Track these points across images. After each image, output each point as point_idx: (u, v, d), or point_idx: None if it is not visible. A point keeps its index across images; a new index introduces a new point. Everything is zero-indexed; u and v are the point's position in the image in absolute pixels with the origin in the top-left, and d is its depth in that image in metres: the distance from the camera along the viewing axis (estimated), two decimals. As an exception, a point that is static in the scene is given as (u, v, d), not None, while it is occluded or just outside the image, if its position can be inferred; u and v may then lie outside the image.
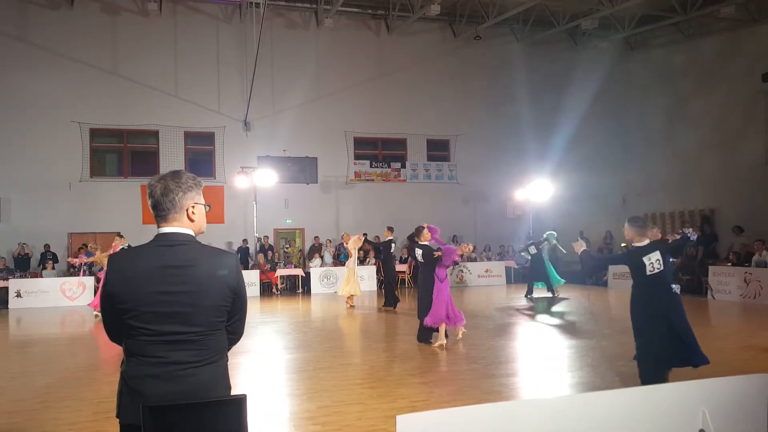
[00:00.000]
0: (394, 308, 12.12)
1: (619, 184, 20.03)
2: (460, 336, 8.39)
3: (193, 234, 2.25)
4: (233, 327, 2.33)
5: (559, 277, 14.05)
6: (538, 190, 18.16)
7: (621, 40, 19.78)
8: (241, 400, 2.18)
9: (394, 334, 9.69)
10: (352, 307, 12.35)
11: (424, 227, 8.64)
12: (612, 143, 19.85)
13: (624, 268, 16.20)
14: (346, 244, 13.18)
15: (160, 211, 2.21)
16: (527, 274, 14.94)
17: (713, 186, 17.11)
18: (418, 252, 8.39)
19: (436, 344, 7.90)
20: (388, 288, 12.37)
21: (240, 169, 16.45)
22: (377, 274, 16.70)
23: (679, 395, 2.90)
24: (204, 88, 17.70)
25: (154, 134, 17.41)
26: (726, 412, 2.91)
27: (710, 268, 13.56)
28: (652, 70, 19.68)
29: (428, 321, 7.91)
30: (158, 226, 2.23)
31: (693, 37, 17.96)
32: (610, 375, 6.23)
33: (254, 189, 16.70)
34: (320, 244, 17.96)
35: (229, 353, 2.36)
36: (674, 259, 8.70)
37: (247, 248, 17.14)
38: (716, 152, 17.03)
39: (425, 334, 8.10)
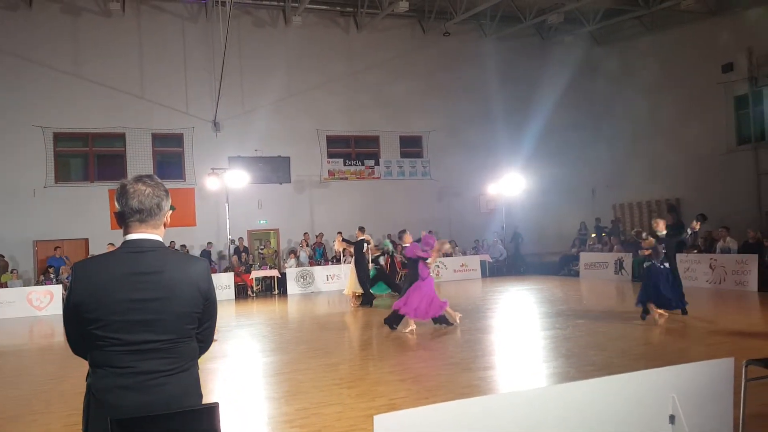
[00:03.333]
0: (370, 306, 12.11)
1: (588, 176, 20.39)
2: (409, 330, 8.73)
3: (161, 240, 2.20)
4: (203, 335, 2.28)
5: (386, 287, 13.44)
6: (510, 184, 18.39)
7: (586, 34, 20.11)
8: (213, 409, 2.13)
9: (372, 332, 9.68)
10: (354, 305, 12.31)
11: (405, 231, 9.75)
12: (580, 136, 20.18)
13: (594, 258, 16.55)
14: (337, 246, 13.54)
15: (141, 215, 2.13)
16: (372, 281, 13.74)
17: (678, 176, 17.55)
18: (404, 253, 9.39)
19: (407, 330, 8.63)
20: (363, 287, 12.34)
21: (210, 171, 16.20)
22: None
23: (649, 382, 2.95)
24: (171, 89, 17.36)
25: (121, 137, 17.02)
26: (695, 397, 2.99)
27: (677, 255, 13.88)
28: (616, 63, 20.06)
29: (400, 308, 8.63)
30: (127, 232, 2.15)
31: (655, 30, 18.36)
32: (584, 364, 6.33)
33: (226, 190, 16.47)
34: (321, 242, 17.90)
35: (206, 359, 2.32)
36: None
37: (210, 251, 16.84)
38: (680, 143, 17.47)
39: (393, 319, 8.88)
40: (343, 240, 13.55)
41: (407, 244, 9.27)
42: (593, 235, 18.51)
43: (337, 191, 18.95)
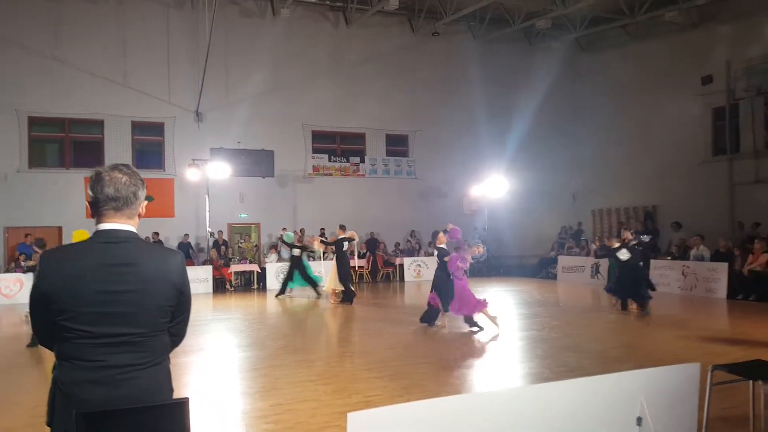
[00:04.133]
0: (351, 303, 12.09)
1: (570, 181, 20.65)
2: (443, 323, 8.89)
3: (136, 231, 2.15)
4: (176, 329, 2.24)
5: (315, 276, 13.79)
6: (493, 187, 18.53)
7: (573, 41, 20.33)
8: (182, 404, 2.09)
9: (350, 329, 9.68)
10: (334, 301, 12.29)
11: (439, 232, 9.38)
12: (562, 141, 20.41)
13: (571, 262, 16.75)
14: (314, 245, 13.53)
15: (117, 203, 2.08)
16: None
17: (656, 184, 17.86)
18: (436, 253, 9.35)
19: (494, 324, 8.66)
20: (344, 284, 12.30)
21: (191, 162, 16.00)
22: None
23: (618, 385, 3.01)
24: (153, 77, 17.08)
25: (99, 124, 16.69)
26: (662, 400, 3.05)
27: (652, 261, 14.16)
28: (600, 70, 20.32)
29: (465, 311, 8.70)
30: (100, 221, 2.10)
31: (639, 40, 18.63)
32: (558, 365, 6.42)
33: (207, 182, 16.29)
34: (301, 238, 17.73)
35: (180, 352, 2.30)
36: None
37: (189, 243, 16.65)
38: (659, 151, 17.77)
39: (429, 316, 8.99)
40: (322, 241, 13.50)
41: (442, 245, 9.22)
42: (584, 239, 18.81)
43: (321, 187, 18.87)
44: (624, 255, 10.42)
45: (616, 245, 10.69)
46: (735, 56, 15.55)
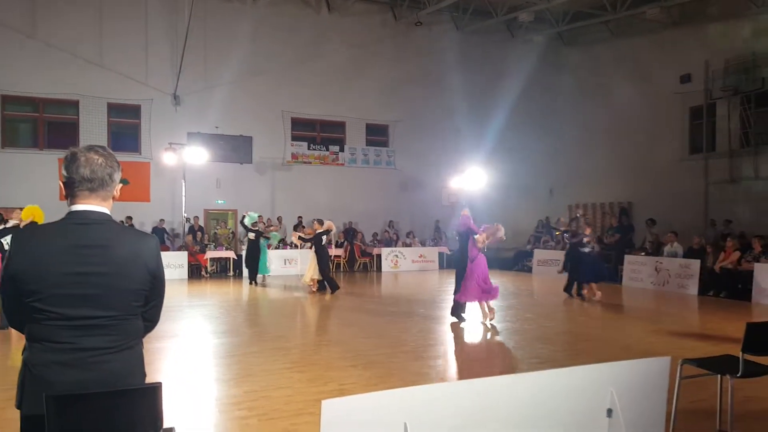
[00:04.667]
0: (333, 292, 11.96)
1: (547, 175, 20.83)
2: (487, 320, 8.52)
3: (109, 213, 2.12)
4: (150, 313, 2.23)
5: (266, 267, 13.82)
6: (472, 179, 18.59)
7: (555, 35, 20.42)
8: (155, 389, 2.06)
9: (326, 318, 9.66)
10: (313, 292, 12.11)
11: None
12: (541, 135, 20.56)
13: (546, 256, 16.95)
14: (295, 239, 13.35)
15: (92, 184, 2.05)
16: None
17: (632, 180, 18.12)
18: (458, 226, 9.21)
19: (485, 321, 8.47)
20: (323, 277, 12.16)
21: (168, 146, 15.73)
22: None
23: (589, 377, 3.04)
24: (130, 58, 16.69)
25: (74, 104, 16.29)
26: (632, 393, 3.09)
27: (626, 256, 14.40)
28: (581, 65, 20.48)
29: (461, 298, 8.47)
30: (73, 203, 2.06)
31: (621, 36, 18.80)
32: (530, 357, 6.50)
33: (183, 167, 16.03)
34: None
35: (154, 338, 2.27)
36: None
37: (164, 228, 16.40)
38: (636, 148, 18.02)
39: (457, 310, 8.69)
40: (300, 237, 13.36)
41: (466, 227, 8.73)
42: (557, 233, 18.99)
43: (300, 175, 18.73)
44: (586, 247, 11.27)
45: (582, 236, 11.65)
46: (713, 56, 15.79)
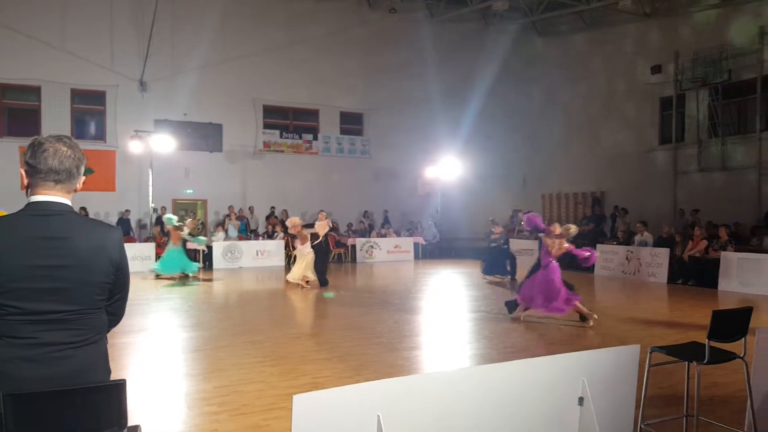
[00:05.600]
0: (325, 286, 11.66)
1: (521, 165, 20.97)
2: (519, 315, 8.19)
3: (70, 204, 2.05)
4: (114, 307, 2.17)
5: (191, 263, 12.93)
6: (446, 168, 18.61)
7: (529, 24, 20.46)
8: (120, 386, 1.99)
9: (300, 310, 9.55)
10: (303, 287, 11.45)
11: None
12: (515, 125, 20.68)
13: (521, 245, 17.09)
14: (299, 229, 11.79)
15: (59, 176, 2.00)
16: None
17: (604, 170, 18.38)
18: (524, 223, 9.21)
19: (513, 315, 8.22)
20: (317, 274, 11.70)
21: (134, 133, 15.31)
22: (285, 249, 16.38)
23: (562, 366, 3.06)
24: (95, 43, 16.16)
25: (36, 90, 15.71)
26: (603, 381, 3.13)
27: (598, 246, 14.61)
28: (555, 55, 20.59)
29: (520, 299, 8.18)
30: (34, 193, 1.99)
31: (594, 27, 18.95)
32: (504, 346, 6.53)
33: (150, 155, 15.63)
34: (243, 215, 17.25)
35: (121, 332, 2.19)
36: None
37: (128, 220, 16.00)
38: (608, 138, 18.26)
39: (510, 304, 8.46)
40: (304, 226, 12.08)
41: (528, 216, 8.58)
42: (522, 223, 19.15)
43: (272, 164, 18.47)
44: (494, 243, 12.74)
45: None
46: (683, 48, 16.04)
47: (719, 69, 14.84)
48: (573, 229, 7.92)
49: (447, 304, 9.92)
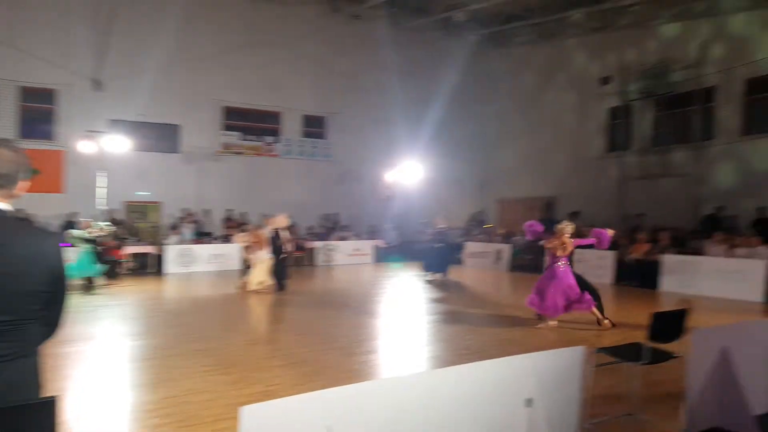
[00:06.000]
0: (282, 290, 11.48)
1: (478, 170, 21.37)
2: (542, 325, 8.03)
3: (10, 209, 1.98)
4: (51, 317, 2.08)
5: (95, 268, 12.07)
6: (407, 172, 18.74)
7: (488, 35, 20.88)
8: (50, 403, 1.90)
9: (254, 316, 9.42)
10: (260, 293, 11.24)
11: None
12: (473, 131, 21.07)
13: (477, 248, 17.34)
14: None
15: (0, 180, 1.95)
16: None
17: (556, 176, 18.93)
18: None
19: (541, 325, 8.01)
20: (276, 278, 11.50)
21: (86, 133, 14.79)
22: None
23: (511, 368, 3.14)
24: (46, 38, 15.51)
25: (-21, 87, 14.99)
26: (550, 381, 3.23)
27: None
28: (512, 66, 21.09)
29: (535, 306, 8.10)
30: None
31: (548, 39, 19.50)
32: (459, 348, 6.62)
33: (103, 156, 15.13)
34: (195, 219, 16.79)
35: (64, 342, 2.12)
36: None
37: (73, 222, 15.40)
38: (560, 145, 18.84)
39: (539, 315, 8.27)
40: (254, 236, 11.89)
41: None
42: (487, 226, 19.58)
43: (232, 166, 18.18)
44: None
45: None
46: (631, 60, 16.71)
47: (663, 81, 15.54)
48: (569, 227, 7.96)
49: (405, 307, 9.98)
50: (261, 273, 11.30)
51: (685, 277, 11.42)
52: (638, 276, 12.55)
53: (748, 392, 3.90)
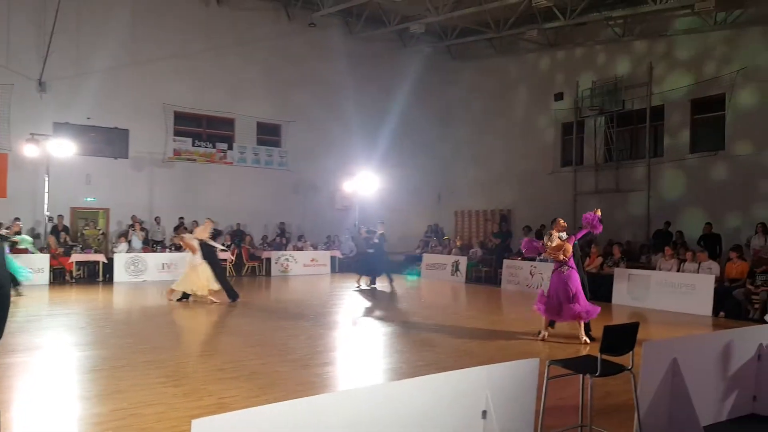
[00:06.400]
0: (234, 301, 11.14)
1: (435, 182, 21.63)
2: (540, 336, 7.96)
3: None
4: None
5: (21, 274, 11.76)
6: (364, 183, 18.77)
7: (443, 48, 21.25)
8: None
9: (206, 327, 9.17)
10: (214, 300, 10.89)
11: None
12: (429, 143, 21.34)
13: (435, 260, 17.46)
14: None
15: None
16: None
17: (512, 189, 19.36)
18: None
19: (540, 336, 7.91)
20: (221, 284, 11.12)
21: (30, 136, 14.15)
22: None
23: (466, 380, 3.16)
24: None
25: None
26: (505, 393, 3.26)
27: (504, 261, 15.28)
28: (467, 79, 21.52)
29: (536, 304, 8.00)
30: None
31: (503, 54, 20.02)
32: (415, 360, 6.62)
33: (48, 160, 14.50)
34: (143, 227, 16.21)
35: (7, 352, 1.95)
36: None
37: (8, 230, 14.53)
38: (515, 159, 19.29)
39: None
40: (185, 240, 11.58)
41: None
42: (445, 238, 19.73)
43: (183, 173, 17.73)
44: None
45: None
46: (582, 78, 17.32)
47: (614, 99, 16.16)
48: (555, 235, 7.81)
49: (362, 319, 9.93)
50: (205, 279, 10.80)
51: (637, 290, 11.76)
52: (591, 288, 12.80)
53: (697, 403, 4.04)
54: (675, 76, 15.09)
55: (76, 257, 14.61)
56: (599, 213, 7.86)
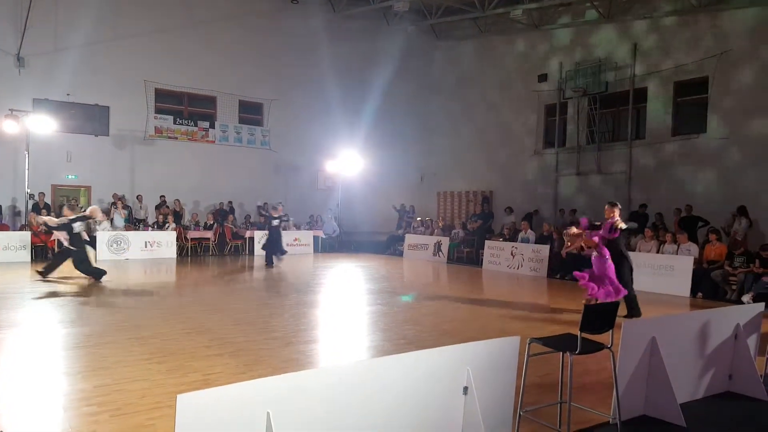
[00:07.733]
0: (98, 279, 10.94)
1: (418, 163, 21.66)
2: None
3: None
4: None
5: None
6: (347, 163, 18.72)
7: (428, 27, 21.08)
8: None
9: (191, 305, 9.17)
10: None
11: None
12: (413, 124, 21.30)
13: (416, 240, 17.58)
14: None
15: None
16: None
17: (494, 170, 19.46)
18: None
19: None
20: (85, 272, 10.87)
21: (9, 113, 13.86)
22: (177, 241, 15.71)
23: (448, 357, 3.23)
24: (-41, 8, 14.37)
25: None
26: (486, 370, 3.34)
27: (486, 242, 15.45)
28: (452, 59, 21.42)
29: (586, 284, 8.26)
30: None
31: (488, 34, 19.94)
32: (398, 338, 6.73)
33: (27, 137, 14.22)
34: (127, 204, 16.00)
35: None
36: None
37: None
38: (498, 140, 19.35)
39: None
40: (46, 223, 11.36)
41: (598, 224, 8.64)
42: (419, 219, 19.79)
43: (164, 151, 17.52)
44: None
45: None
46: (566, 59, 17.35)
47: (597, 81, 16.24)
48: (573, 230, 8.54)
49: (345, 297, 10.02)
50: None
51: (617, 271, 11.97)
52: (571, 269, 13.06)
53: (674, 381, 4.17)
54: (658, 59, 15.19)
55: (58, 235, 14.38)
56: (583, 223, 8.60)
